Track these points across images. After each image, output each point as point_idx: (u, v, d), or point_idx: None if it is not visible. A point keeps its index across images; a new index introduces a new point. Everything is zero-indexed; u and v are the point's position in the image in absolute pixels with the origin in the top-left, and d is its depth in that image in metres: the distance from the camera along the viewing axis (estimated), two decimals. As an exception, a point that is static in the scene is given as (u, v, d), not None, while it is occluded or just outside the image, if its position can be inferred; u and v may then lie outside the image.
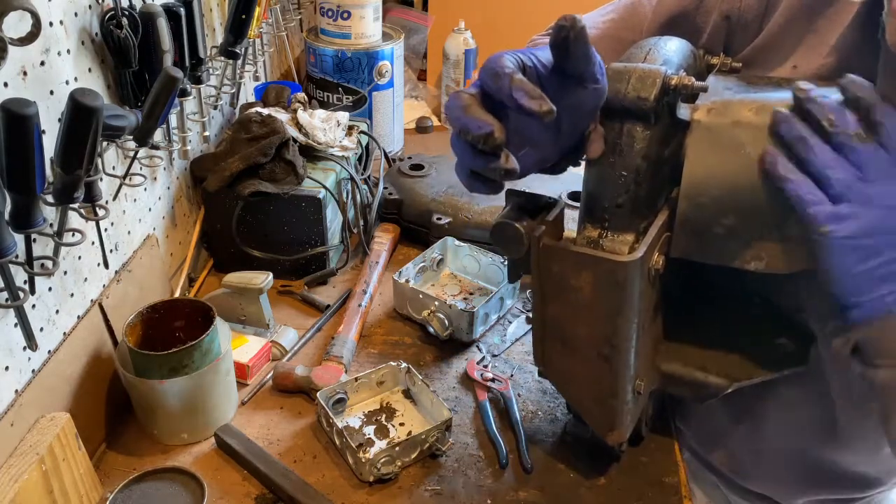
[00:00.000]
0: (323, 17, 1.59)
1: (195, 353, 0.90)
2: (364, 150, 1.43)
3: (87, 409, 0.92)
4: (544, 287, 0.78)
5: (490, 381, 1.05)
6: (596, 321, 0.76)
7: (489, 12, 1.85)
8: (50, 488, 0.78)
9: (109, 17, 0.91)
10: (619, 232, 0.74)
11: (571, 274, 0.74)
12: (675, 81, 0.69)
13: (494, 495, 0.90)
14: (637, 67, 0.69)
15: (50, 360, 0.86)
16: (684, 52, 0.79)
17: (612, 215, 0.74)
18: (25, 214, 0.72)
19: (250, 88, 1.55)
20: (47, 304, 0.86)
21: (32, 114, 0.65)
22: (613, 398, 0.80)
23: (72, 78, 0.87)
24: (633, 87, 0.69)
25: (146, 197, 1.10)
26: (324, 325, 1.18)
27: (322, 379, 1.02)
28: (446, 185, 1.40)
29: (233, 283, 1.12)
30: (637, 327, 0.75)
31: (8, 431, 0.78)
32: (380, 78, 1.61)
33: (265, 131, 1.23)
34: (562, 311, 0.78)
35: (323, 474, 0.92)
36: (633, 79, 0.69)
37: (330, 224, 1.25)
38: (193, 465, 0.93)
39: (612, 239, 0.74)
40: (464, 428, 0.99)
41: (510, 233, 0.75)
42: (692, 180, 0.69)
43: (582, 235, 0.76)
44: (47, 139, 0.81)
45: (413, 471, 0.93)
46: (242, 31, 1.19)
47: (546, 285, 0.77)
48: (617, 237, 0.74)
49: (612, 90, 0.68)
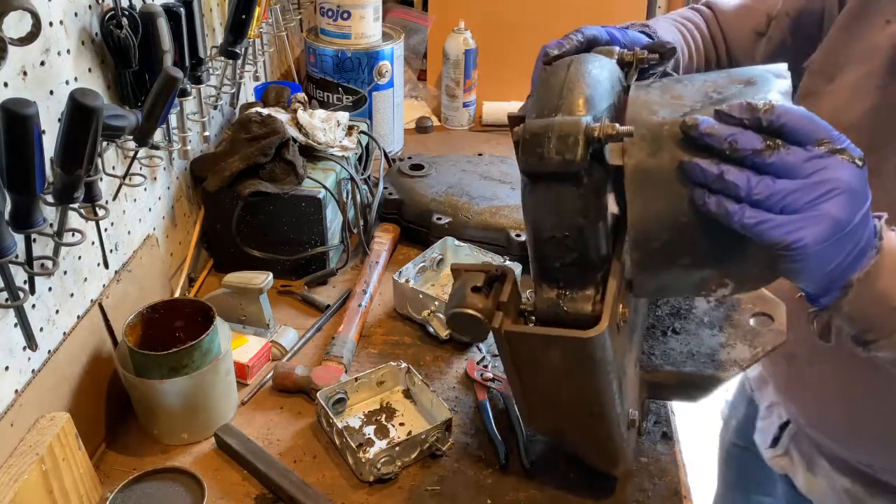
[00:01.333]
0: (323, 17, 1.59)
1: (195, 353, 0.90)
2: (364, 150, 1.43)
3: (87, 409, 0.92)
4: (517, 364, 0.76)
5: (490, 381, 1.05)
6: (576, 388, 0.74)
7: (489, 12, 1.85)
8: (50, 488, 0.78)
9: (109, 17, 0.91)
10: (577, 289, 0.71)
11: (540, 351, 0.72)
12: (598, 132, 0.63)
13: (494, 495, 0.90)
14: (553, 125, 0.64)
15: (50, 360, 0.86)
16: (609, 69, 0.73)
17: (565, 274, 0.71)
18: (25, 214, 0.72)
19: (250, 88, 1.55)
20: (47, 304, 0.86)
21: (32, 114, 0.65)
22: (611, 441, 0.79)
23: (72, 78, 0.87)
24: (555, 148, 0.63)
25: (146, 197, 1.10)
26: (324, 325, 1.18)
27: (322, 379, 1.02)
28: (446, 185, 1.40)
29: (233, 283, 1.12)
30: (619, 376, 0.73)
31: (8, 431, 0.78)
32: (380, 78, 1.60)
33: (265, 131, 1.23)
34: (540, 382, 0.77)
35: (323, 474, 0.92)
36: (553, 139, 0.64)
37: (330, 224, 1.25)
38: (193, 465, 0.93)
39: (572, 298, 0.71)
40: (464, 428, 0.99)
41: (468, 322, 0.72)
42: (639, 229, 0.65)
43: (541, 298, 0.73)
44: (47, 139, 0.81)
45: (413, 471, 0.93)
46: (242, 31, 1.19)
47: (518, 362, 0.76)
48: (577, 294, 0.71)
49: (534, 154, 0.64)
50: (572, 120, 0.64)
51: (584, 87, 0.68)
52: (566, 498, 0.89)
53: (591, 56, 0.74)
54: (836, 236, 0.59)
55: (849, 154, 0.59)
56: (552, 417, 0.82)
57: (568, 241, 0.69)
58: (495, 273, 0.76)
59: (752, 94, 0.63)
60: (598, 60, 0.73)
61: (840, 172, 0.59)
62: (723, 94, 0.64)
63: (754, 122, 0.60)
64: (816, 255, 0.59)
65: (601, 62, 0.72)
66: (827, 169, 0.59)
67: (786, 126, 0.60)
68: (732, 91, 0.65)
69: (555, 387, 0.76)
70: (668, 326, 0.91)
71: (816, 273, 0.62)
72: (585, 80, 0.69)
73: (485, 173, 1.45)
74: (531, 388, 0.79)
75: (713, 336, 0.89)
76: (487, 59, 1.84)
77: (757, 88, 0.64)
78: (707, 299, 0.92)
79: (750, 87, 0.65)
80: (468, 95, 1.83)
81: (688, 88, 0.67)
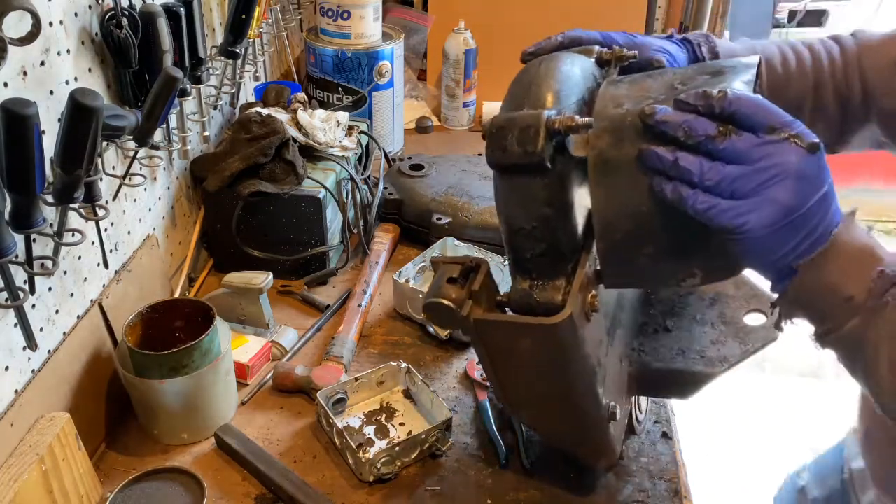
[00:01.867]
0: (323, 17, 1.59)
1: (195, 353, 0.90)
2: (364, 150, 1.43)
3: (87, 409, 0.92)
4: (491, 355, 0.78)
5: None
6: (551, 378, 0.75)
7: (489, 12, 1.85)
8: (50, 488, 0.78)
9: (109, 17, 0.91)
10: (548, 279, 0.72)
11: (511, 340, 0.74)
12: (558, 124, 0.65)
13: (494, 495, 0.90)
14: (516, 118, 0.66)
15: (50, 360, 0.86)
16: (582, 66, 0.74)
17: (536, 265, 0.72)
18: (25, 214, 0.72)
19: (250, 88, 1.55)
20: (47, 304, 0.86)
21: (32, 114, 0.65)
22: (589, 433, 0.80)
23: (72, 78, 0.87)
24: (517, 140, 0.66)
25: (146, 197, 1.10)
26: (324, 325, 1.18)
27: (322, 379, 1.02)
28: (446, 185, 1.40)
29: (233, 283, 1.12)
30: (594, 366, 0.74)
31: (8, 431, 0.78)
32: (380, 78, 1.60)
33: (265, 131, 1.23)
34: (515, 373, 0.78)
35: (323, 474, 0.92)
36: (516, 132, 0.66)
37: (330, 224, 1.25)
38: (193, 465, 0.93)
39: (542, 288, 0.72)
40: (464, 428, 0.99)
41: (441, 310, 0.74)
42: (602, 219, 0.66)
43: (514, 289, 0.74)
44: (47, 139, 0.81)
45: (413, 471, 0.93)
46: (242, 31, 1.19)
47: (491, 352, 0.77)
48: (548, 285, 0.72)
49: (499, 147, 0.67)
50: (534, 113, 0.66)
51: (552, 82, 0.70)
52: (566, 498, 0.89)
53: (565, 54, 0.75)
54: (783, 221, 0.60)
55: (802, 139, 0.60)
56: (532, 408, 0.83)
57: (536, 233, 0.70)
58: (470, 264, 0.77)
59: (715, 84, 0.64)
60: (570, 58, 0.74)
61: (788, 157, 0.59)
62: (687, 86, 0.65)
63: (708, 108, 0.61)
64: (763, 239, 0.60)
65: (573, 59, 0.74)
66: (774, 154, 0.60)
67: (737, 112, 0.61)
68: (698, 82, 0.66)
69: (529, 377, 0.78)
70: (660, 324, 0.91)
71: (767, 258, 0.62)
72: (554, 75, 0.70)
73: (485, 173, 1.44)
74: (507, 380, 0.80)
75: (705, 333, 0.89)
76: (487, 59, 1.84)
77: (722, 79, 0.65)
78: (702, 298, 0.92)
79: (717, 77, 0.65)
80: (468, 95, 1.83)
81: (656, 81, 0.68)
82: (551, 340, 0.70)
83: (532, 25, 1.88)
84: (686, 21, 1.95)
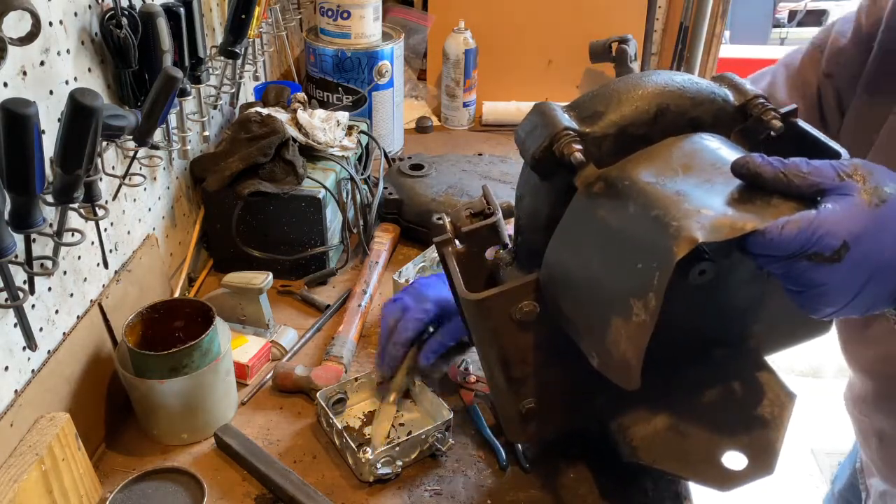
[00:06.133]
0: (323, 17, 1.59)
1: (195, 353, 0.90)
2: (364, 150, 1.43)
3: (86, 409, 0.92)
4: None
5: (474, 382, 1.04)
6: (479, 348, 0.81)
7: (489, 12, 1.85)
8: (50, 488, 0.78)
9: (109, 17, 0.91)
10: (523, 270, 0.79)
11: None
12: (560, 145, 0.65)
13: (494, 495, 0.90)
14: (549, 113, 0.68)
15: (49, 360, 0.86)
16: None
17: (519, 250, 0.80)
18: (25, 214, 0.72)
19: (250, 88, 1.55)
20: (47, 304, 0.86)
21: (32, 114, 0.65)
22: (502, 409, 0.85)
23: (72, 78, 0.87)
24: (532, 136, 0.68)
25: (146, 197, 1.10)
26: (324, 325, 1.18)
27: (322, 379, 1.02)
28: (446, 185, 1.40)
29: (233, 283, 1.12)
30: (503, 354, 0.77)
31: (8, 431, 0.78)
32: (380, 78, 1.60)
33: (265, 131, 1.23)
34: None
35: (323, 474, 0.92)
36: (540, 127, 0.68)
37: (330, 224, 1.25)
38: (193, 465, 0.93)
39: (512, 272, 0.80)
40: (464, 428, 0.99)
41: (437, 226, 0.83)
42: (552, 250, 0.69)
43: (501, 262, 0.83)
44: (47, 139, 0.81)
45: (413, 471, 0.93)
46: (242, 31, 1.19)
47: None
48: (517, 273, 0.79)
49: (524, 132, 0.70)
50: (558, 121, 0.66)
51: (622, 110, 0.66)
52: (566, 498, 0.89)
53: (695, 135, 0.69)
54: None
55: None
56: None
57: (521, 221, 0.76)
58: (488, 212, 0.85)
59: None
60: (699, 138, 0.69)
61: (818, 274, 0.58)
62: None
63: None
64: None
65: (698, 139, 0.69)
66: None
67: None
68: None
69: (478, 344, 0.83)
70: None
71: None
72: (634, 105, 0.67)
73: (485, 173, 1.45)
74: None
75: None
76: (487, 59, 1.84)
77: None
78: None
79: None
80: (468, 95, 1.83)
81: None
82: (469, 313, 0.78)
83: (532, 25, 1.88)
84: (686, 21, 1.95)
